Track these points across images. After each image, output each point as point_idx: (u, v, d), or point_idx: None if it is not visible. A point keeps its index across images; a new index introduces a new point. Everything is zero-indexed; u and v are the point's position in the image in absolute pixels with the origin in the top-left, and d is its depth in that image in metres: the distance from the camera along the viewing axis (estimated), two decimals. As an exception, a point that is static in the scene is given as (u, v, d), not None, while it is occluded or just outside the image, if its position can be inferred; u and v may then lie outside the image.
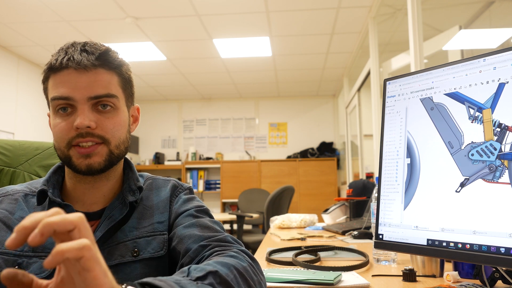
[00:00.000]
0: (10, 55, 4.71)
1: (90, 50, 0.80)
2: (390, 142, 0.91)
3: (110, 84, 0.80)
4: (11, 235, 0.42)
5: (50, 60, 0.80)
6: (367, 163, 4.82)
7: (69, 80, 0.77)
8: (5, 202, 0.82)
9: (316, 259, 1.23)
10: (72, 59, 0.77)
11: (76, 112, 0.77)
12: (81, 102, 0.77)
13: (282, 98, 6.93)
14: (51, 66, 0.79)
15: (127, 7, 3.62)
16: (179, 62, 5.13)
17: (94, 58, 0.79)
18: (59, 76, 0.78)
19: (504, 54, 0.73)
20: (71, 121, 0.77)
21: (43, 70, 0.82)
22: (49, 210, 0.44)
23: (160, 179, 0.93)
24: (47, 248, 0.76)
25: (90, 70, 0.78)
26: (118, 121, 0.81)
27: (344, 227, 1.98)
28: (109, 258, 0.77)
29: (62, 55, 0.79)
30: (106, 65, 0.80)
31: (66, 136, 0.77)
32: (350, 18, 3.88)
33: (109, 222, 0.80)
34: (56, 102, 0.78)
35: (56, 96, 0.77)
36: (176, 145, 6.97)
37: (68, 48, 0.80)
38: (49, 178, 0.84)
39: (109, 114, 0.80)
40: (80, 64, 0.77)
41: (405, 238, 0.84)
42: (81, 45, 0.80)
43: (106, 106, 0.79)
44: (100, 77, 0.79)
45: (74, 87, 0.77)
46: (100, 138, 0.78)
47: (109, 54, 0.82)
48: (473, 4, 3.43)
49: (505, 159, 0.70)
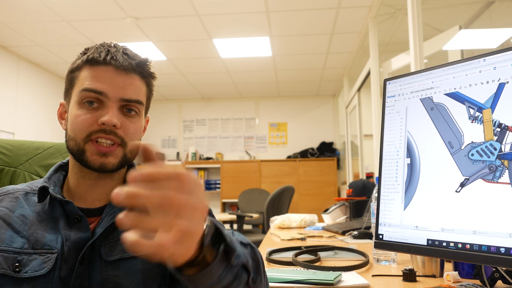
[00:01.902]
0: (10, 55, 4.71)
1: (131, 55, 0.82)
2: (390, 142, 0.91)
3: (141, 91, 0.83)
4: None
5: (86, 53, 0.81)
6: (367, 163, 4.82)
7: (107, 76, 0.79)
8: (5, 201, 0.82)
9: (316, 259, 1.23)
10: (114, 58, 0.79)
11: (103, 108, 0.78)
12: (112, 100, 0.78)
13: (282, 98, 6.93)
14: (91, 59, 0.79)
15: (127, 7, 3.62)
16: (179, 62, 5.13)
17: (134, 63, 0.81)
18: (97, 70, 0.79)
19: (504, 54, 0.73)
20: (96, 115, 0.78)
21: (77, 59, 0.82)
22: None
23: None
24: (46, 245, 0.76)
25: (128, 73, 0.80)
26: (139, 127, 0.84)
27: (344, 227, 1.98)
28: (110, 253, 0.78)
29: (104, 51, 0.80)
30: (142, 73, 0.83)
31: (87, 128, 0.77)
32: (350, 18, 3.88)
33: (110, 218, 0.80)
34: (86, 94, 0.78)
35: (90, 88, 0.78)
36: (176, 145, 6.97)
37: (110, 47, 0.82)
38: (50, 176, 0.85)
39: (132, 119, 0.82)
40: (121, 65, 0.79)
41: (405, 238, 0.84)
42: (123, 48, 0.83)
43: (131, 110, 0.82)
44: (135, 82, 0.82)
45: (111, 85, 0.78)
46: (121, 139, 0.79)
47: (146, 64, 0.85)
48: (473, 4, 3.43)
49: (505, 159, 0.70)
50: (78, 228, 0.78)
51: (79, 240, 0.77)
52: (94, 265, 0.76)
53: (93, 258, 0.77)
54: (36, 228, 0.78)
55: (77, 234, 0.77)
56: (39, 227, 0.78)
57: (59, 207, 0.80)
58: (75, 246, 0.76)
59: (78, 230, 0.78)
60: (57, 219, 0.79)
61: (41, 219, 0.79)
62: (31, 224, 0.78)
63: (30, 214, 0.80)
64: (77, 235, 0.77)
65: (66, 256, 0.75)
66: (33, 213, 0.80)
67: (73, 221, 0.79)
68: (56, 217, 0.79)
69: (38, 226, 0.78)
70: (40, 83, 5.25)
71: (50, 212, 0.80)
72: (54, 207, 0.80)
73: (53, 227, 0.78)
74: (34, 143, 1.15)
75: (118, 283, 0.76)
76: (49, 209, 0.80)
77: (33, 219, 0.79)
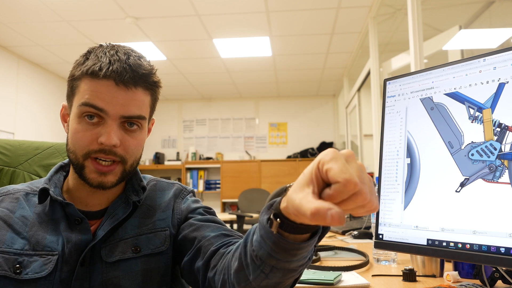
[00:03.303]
0: (10, 55, 4.71)
1: (134, 65, 0.77)
2: (390, 142, 0.91)
3: (143, 104, 0.79)
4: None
5: (87, 60, 0.77)
6: (367, 163, 4.81)
7: (107, 92, 0.74)
8: (6, 201, 0.82)
9: (316, 259, 1.23)
10: (115, 72, 0.74)
11: (103, 124, 0.75)
12: (112, 118, 0.75)
13: (282, 98, 6.93)
14: (91, 71, 0.75)
15: (127, 7, 3.62)
16: (179, 62, 5.13)
17: (137, 76, 0.76)
18: (96, 84, 0.75)
19: (504, 54, 0.73)
20: (95, 133, 0.75)
21: (78, 64, 0.78)
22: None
23: (163, 182, 0.94)
24: (47, 246, 0.76)
25: (129, 89, 0.76)
26: (140, 141, 0.81)
27: (344, 227, 1.98)
28: (110, 255, 0.78)
29: (105, 62, 0.75)
30: (145, 85, 0.79)
31: (87, 147, 0.75)
32: (350, 18, 3.88)
33: (112, 221, 0.80)
34: (85, 108, 0.75)
35: (89, 103, 0.74)
36: (176, 145, 6.96)
37: (112, 55, 0.76)
38: (50, 177, 0.84)
39: (134, 134, 0.79)
40: (122, 80, 0.75)
41: (405, 238, 0.84)
42: (126, 56, 0.77)
43: (133, 125, 0.79)
44: (137, 97, 0.77)
45: (110, 102, 0.74)
46: (120, 157, 0.78)
47: (151, 76, 0.80)
48: (473, 4, 3.43)
49: (505, 159, 0.70)
50: (79, 230, 0.78)
51: (80, 242, 0.77)
52: (94, 267, 0.76)
53: (94, 260, 0.77)
54: (37, 230, 0.78)
55: (78, 236, 0.77)
56: (40, 229, 0.78)
57: (59, 209, 0.80)
58: (76, 248, 0.76)
59: (79, 232, 0.78)
60: (58, 221, 0.79)
61: (42, 221, 0.79)
62: (32, 226, 0.78)
63: (31, 215, 0.80)
64: (78, 237, 0.77)
65: (67, 258, 0.75)
66: (33, 214, 0.80)
67: (74, 223, 0.79)
68: (57, 219, 0.79)
69: (39, 227, 0.78)
70: (40, 83, 5.25)
71: (51, 213, 0.80)
72: (54, 209, 0.80)
73: (53, 228, 0.78)
74: (34, 143, 1.15)
75: (118, 284, 0.76)
76: (50, 211, 0.80)
77: (33, 220, 0.79)
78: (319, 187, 0.46)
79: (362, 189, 0.43)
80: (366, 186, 0.43)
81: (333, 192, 0.43)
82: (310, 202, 0.44)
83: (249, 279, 0.60)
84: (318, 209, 0.42)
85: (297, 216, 0.48)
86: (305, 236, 0.54)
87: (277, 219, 0.52)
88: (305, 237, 0.54)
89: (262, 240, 0.55)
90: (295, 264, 0.56)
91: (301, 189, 0.47)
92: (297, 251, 0.54)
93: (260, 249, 0.56)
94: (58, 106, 0.72)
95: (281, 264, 0.55)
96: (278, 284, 0.59)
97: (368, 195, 0.43)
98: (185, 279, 0.83)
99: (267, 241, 0.54)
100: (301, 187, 0.47)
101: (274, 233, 0.53)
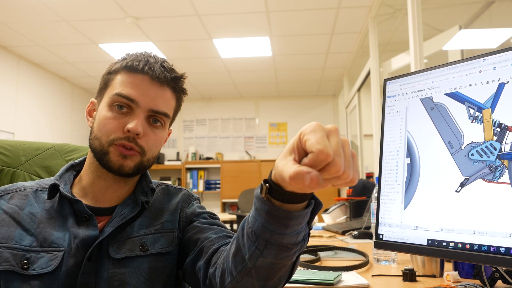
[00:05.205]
0: (10, 55, 4.71)
1: (168, 68, 0.87)
2: (390, 142, 0.91)
3: (170, 104, 0.87)
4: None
5: (125, 59, 0.86)
6: (367, 163, 4.82)
7: (141, 85, 0.82)
8: (15, 198, 0.84)
9: (316, 259, 1.23)
10: (151, 69, 0.83)
11: (131, 115, 0.82)
12: (142, 109, 0.82)
13: (282, 98, 6.93)
14: (130, 66, 0.83)
15: (127, 7, 3.62)
16: (179, 62, 5.13)
17: (169, 77, 0.86)
18: (132, 77, 0.83)
19: (504, 54, 0.73)
20: (123, 121, 0.81)
21: (116, 63, 0.86)
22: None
23: (172, 187, 0.97)
24: (54, 243, 0.78)
25: (162, 86, 0.84)
26: (160, 138, 0.87)
27: (344, 227, 1.98)
28: (117, 251, 0.80)
29: (142, 61, 0.84)
30: (174, 87, 0.88)
31: (113, 133, 0.81)
32: (350, 18, 3.88)
33: (120, 219, 0.82)
34: (118, 98, 0.81)
35: (123, 94, 0.81)
36: (176, 145, 6.96)
37: (149, 57, 0.86)
38: (61, 174, 0.87)
39: (156, 130, 0.85)
40: (157, 76, 0.83)
41: (405, 238, 0.84)
42: (161, 60, 0.87)
43: (157, 121, 0.85)
44: (166, 95, 0.86)
45: (143, 94, 0.82)
46: (140, 148, 0.82)
47: (181, 80, 0.89)
48: (473, 4, 3.43)
49: (505, 159, 0.70)
50: (87, 226, 0.80)
51: (87, 237, 0.79)
52: (101, 263, 0.78)
53: (101, 256, 0.79)
54: (45, 226, 0.80)
55: (86, 232, 0.79)
56: (48, 225, 0.80)
57: (68, 206, 0.83)
58: (83, 243, 0.78)
59: (86, 228, 0.80)
60: (66, 217, 0.81)
61: (50, 217, 0.81)
62: (40, 222, 0.80)
63: (39, 212, 0.82)
64: (86, 233, 0.79)
65: (74, 253, 0.77)
66: (42, 210, 0.82)
67: (82, 220, 0.81)
68: (65, 215, 0.81)
69: (47, 224, 0.80)
70: (40, 83, 5.25)
71: (60, 209, 0.82)
72: (63, 205, 0.83)
73: (61, 224, 0.80)
74: (34, 143, 1.15)
75: (124, 280, 0.78)
76: (59, 207, 0.82)
77: (41, 217, 0.81)
78: (300, 155, 0.50)
79: (335, 160, 0.46)
80: (340, 159, 0.46)
81: (308, 161, 0.47)
82: (291, 167, 0.48)
83: (245, 259, 0.62)
84: (297, 172, 0.46)
85: (282, 181, 0.53)
86: (297, 207, 0.57)
87: (266, 184, 0.57)
88: (298, 208, 0.57)
89: (256, 213, 0.59)
90: (288, 240, 0.59)
91: (284, 157, 0.51)
92: (289, 220, 0.57)
93: (255, 223, 0.59)
94: (58, 106, 0.72)
95: (275, 237, 0.58)
96: (273, 266, 0.62)
97: (341, 167, 0.46)
98: (187, 280, 0.85)
99: (261, 212, 0.58)
100: (285, 155, 0.51)
101: (264, 199, 0.56)
